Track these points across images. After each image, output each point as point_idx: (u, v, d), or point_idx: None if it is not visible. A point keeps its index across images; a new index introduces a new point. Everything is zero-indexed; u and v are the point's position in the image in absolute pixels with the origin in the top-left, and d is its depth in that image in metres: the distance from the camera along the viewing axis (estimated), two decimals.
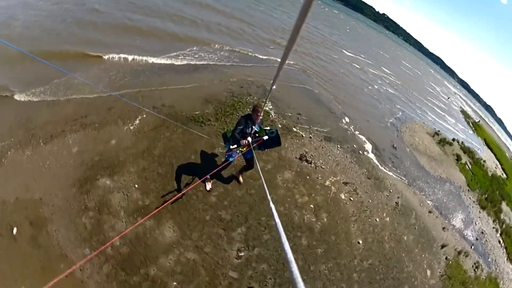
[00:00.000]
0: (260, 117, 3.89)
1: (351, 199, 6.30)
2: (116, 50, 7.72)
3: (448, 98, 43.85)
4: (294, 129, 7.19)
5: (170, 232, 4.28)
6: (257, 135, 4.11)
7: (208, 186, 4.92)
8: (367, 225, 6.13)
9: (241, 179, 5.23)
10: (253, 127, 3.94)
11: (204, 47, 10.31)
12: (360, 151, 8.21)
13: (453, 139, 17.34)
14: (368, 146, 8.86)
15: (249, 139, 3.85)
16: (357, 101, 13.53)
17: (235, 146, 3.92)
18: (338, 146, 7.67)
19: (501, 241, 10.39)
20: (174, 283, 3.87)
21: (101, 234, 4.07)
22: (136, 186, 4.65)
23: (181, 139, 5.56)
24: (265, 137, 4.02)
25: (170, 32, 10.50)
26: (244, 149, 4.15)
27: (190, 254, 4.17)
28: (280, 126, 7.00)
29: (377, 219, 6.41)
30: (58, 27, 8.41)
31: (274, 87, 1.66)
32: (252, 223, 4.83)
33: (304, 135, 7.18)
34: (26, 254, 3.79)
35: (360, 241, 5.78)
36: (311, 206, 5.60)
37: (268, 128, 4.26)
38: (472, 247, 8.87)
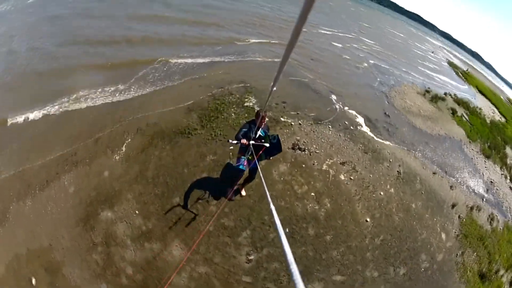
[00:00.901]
0: (264, 123, 4.18)
1: (351, 178, 6.29)
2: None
3: (432, 52, 42.47)
4: (282, 119, 7.11)
5: (177, 251, 4.39)
6: (262, 140, 4.15)
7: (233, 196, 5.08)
8: (372, 201, 6.15)
9: (243, 192, 5.21)
10: (258, 132, 4.08)
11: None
12: (352, 127, 8.10)
13: (445, 93, 16.93)
14: (360, 120, 8.72)
15: (252, 142, 3.93)
16: (342, 76, 13.12)
17: (235, 142, 3.95)
18: (329, 126, 7.57)
19: None
20: None
21: (113, 266, 4.20)
22: (137, 212, 4.73)
23: (171, 156, 5.57)
24: (267, 144, 4.05)
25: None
26: (250, 157, 4.20)
27: (201, 268, 4.29)
28: (267, 119, 6.90)
29: (382, 193, 6.41)
30: None
31: (275, 88, 1.66)
32: (255, 224, 4.90)
33: (293, 123, 7.09)
34: None
35: (368, 219, 5.82)
36: (312, 194, 5.63)
37: (272, 135, 4.31)
38: (484, 200, 8.84)
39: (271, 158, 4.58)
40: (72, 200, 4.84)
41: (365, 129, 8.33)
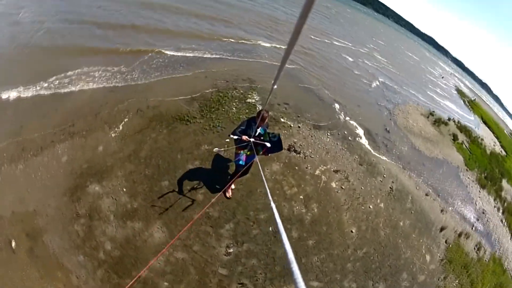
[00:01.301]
0: (266, 121, 4.25)
1: (343, 187, 6.28)
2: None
3: (442, 77, 42.49)
4: (282, 120, 7.13)
5: (159, 233, 4.40)
6: (261, 138, 4.18)
7: (228, 194, 5.11)
8: (360, 212, 6.13)
9: (233, 185, 5.22)
10: (257, 130, 4.11)
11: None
12: (351, 137, 8.09)
13: (449, 119, 16.87)
14: (360, 132, 8.72)
15: (252, 139, 3.95)
16: (348, 88, 13.13)
17: (236, 137, 3.99)
18: (328, 133, 7.58)
19: (503, 220, 10.25)
20: (165, 283, 4.01)
21: (93, 240, 4.22)
22: (124, 190, 4.75)
23: (167, 140, 5.60)
24: (268, 144, 4.04)
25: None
26: (249, 152, 4.24)
27: (180, 254, 4.29)
28: (266, 120, 6.93)
29: (371, 206, 6.39)
30: None
31: (275, 87, 1.69)
32: (240, 218, 4.90)
33: (292, 125, 7.11)
34: (25, 265, 3.96)
35: (353, 230, 5.80)
36: (301, 197, 5.62)
37: (271, 133, 4.33)
38: (473, 228, 8.77)
39: (269, 154, 4.57)
40: (63, 169, 4.88)
41: (364, 141, 8.33)
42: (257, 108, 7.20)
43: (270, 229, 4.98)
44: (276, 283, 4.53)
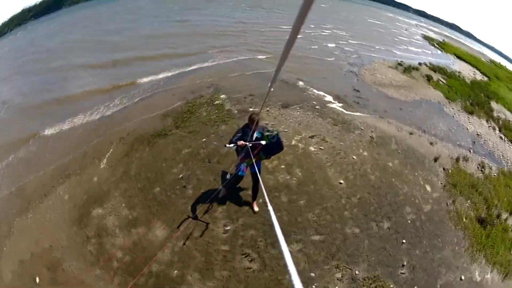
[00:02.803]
0: (259, 125, 4.23)
1: (321, 147, 6.65)
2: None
3: (405, 29, 41.97)
4: (250, 109, 7.66)
5: (160, 231, 4.84)
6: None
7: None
8: (344, 165, 6.44)
9: (256, 207, 5.16)
10: (254, 134, 4.10)
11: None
12: (320, 106, 8.50)
13: (419, 63, 16.60)
14: (329, 98, 9.13)
15: (248, 143, 3.98)
16: (310, 66, 13.22)
17: (231, 145, 4.07)
18: (298, 108, 8.04)
19: (503, 137, 10.18)
20: (175, 272, 4.39)
21: (105, 253, 4.68)
22: (123, 205, 5.27)
23: (151, 155, 6.18)
24: (263, 142, 4.07)
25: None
26: (251, 161, 4.23)
27: (182, 243, 4.70)
28: (236, 111, 7.51)
29: (354, 157, 6.70)
30: None
31: (272, 89, 1.73)
32: (230, 200, 5.32)
33: (261, 111, 7.60)
34: None
35: (342, 181, 6.09)
36: (283, 167, 6.02)
37: (270, 134, 4.28)
38: (471, 151, 8.81)
39: (271, 156, 4.60)
40: (67, 206, 5.46)
41: (334, 105, 8.72)
42: (226, 107, 7.80)
43: (260, 200, 5.34)
44: (277, 245, 4.83)
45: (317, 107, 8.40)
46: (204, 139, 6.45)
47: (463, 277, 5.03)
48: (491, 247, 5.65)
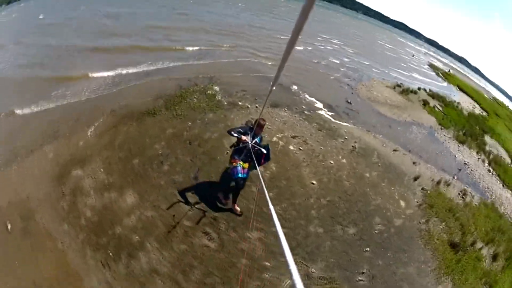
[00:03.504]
0: (261, 132, 4.42)
1: (301, 148, 6.85)
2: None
3: (413, 55, 41.44)
4: (240, 103, 7.94)
5: (131, 199, 5.10)
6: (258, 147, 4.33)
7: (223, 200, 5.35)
8: (320, 168, 6.62)
9: (237, 208, 5.22)
10: (255, 137, 4.34)
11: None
12: (309, 111, 8.71)
13: (419, 88, 16.60)
14: (319, 105, 9.34)
15: (249, 143, 4.14)
16: (308, 72, 13.39)
17: (236, 135, 4.21)
18: (285, 109, 8.27)
19: (491, 170, 10.19)
20: (137, 237, 4.63)
21: (76, 211, 4.95)
22: (102, 170, 5.56)
23: (137, 130, 6.48)
24: (265, 151, 4.22)
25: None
26: (246, 165, 4.51)
27: (149, 212, 4.95)
28: (226, 103, 7.78)
29: (332, 162, 6.88)
30: None
31: (274, 88, 1.74)
32: (202, 180, 5.56)
33: (249, 106, 7.89)
34: (19, 241, 4.68)
35: (315, 182, 6.28)
36: None
37: (263, 145, 4.48)
38: (455, 177, 8.88)
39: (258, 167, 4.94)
40: (50, 163, 5.76)
41: (323, 112, 8.93)
42: (217, 98, 8.08)
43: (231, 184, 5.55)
44: (239, 230, 5.05)
45: (305, 111, 8.61)
46: (189, 123, 6.72)
47: None
48: (460, 273, 5.60)
